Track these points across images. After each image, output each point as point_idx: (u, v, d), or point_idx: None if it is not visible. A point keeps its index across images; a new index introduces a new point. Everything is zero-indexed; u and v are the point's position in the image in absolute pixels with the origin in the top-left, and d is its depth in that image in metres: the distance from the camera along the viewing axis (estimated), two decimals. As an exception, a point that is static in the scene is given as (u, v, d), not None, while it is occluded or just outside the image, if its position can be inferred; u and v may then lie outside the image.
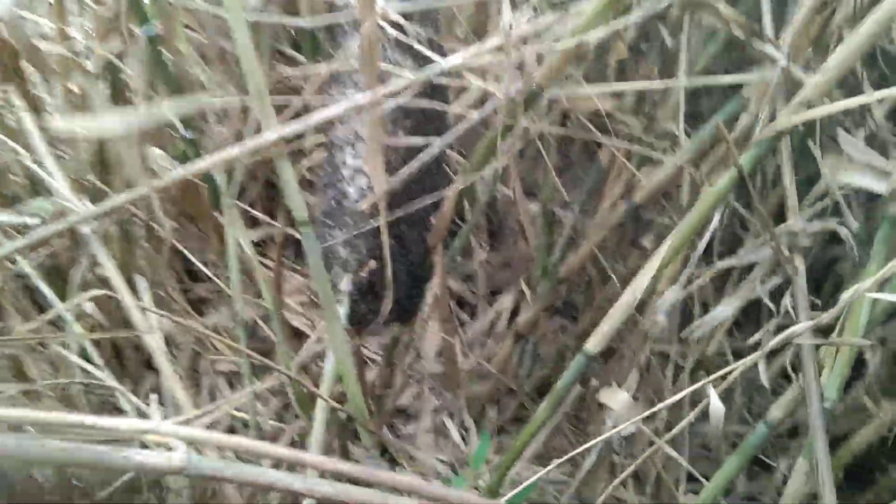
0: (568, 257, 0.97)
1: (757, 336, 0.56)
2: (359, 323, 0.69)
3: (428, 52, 0.65)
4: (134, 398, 0.67)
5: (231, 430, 1.00)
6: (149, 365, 1.13)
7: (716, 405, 0.45)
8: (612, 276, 0.95)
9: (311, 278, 0.56)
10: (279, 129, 0.47)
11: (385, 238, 0.57)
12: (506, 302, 1.16)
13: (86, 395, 0.83)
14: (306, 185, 1.31)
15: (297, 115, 0.62)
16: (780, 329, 0.58)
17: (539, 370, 1.07)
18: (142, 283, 0.66)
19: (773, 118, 0.67)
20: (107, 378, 0.64)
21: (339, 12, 0.64)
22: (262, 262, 0.87)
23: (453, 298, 1.24)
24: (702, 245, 0.55)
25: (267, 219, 1.20)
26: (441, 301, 1.01)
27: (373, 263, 0.64)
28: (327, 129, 0.64)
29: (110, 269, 0.53)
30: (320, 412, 0.57)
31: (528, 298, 1.14)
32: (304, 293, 1.24)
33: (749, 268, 0.73)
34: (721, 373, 0.46)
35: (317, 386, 0.92)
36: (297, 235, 1.21)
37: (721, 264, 0.58)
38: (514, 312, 1.17)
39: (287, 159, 0.49)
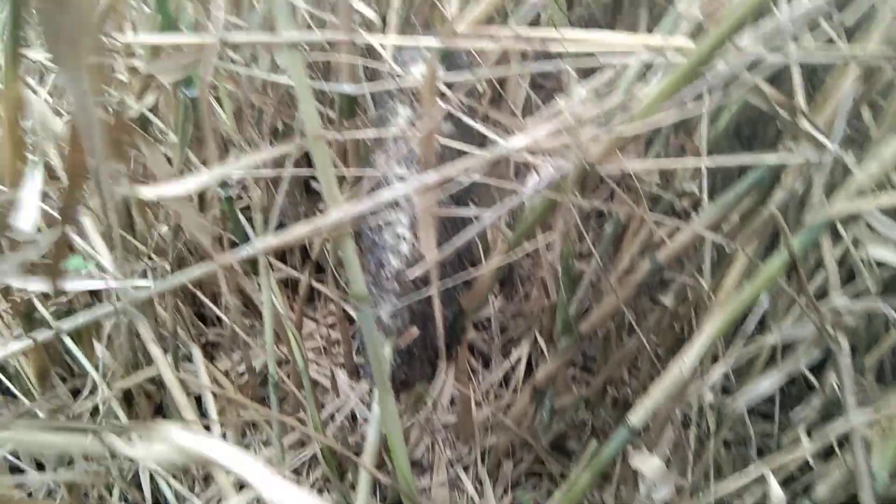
0: (588, 311, 0.98)
1: (801, 413, 0.57)
2: (396, 387, 0.69)
3: (473, 123, 0.66)
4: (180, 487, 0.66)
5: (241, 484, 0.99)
6: (159, 410, 1.12)
7: (777, 494, 0.46)
8: (637, 330, 0.95)
9: (366, 352, 0.56)
10: (346, 208, 0.47)
11: (438, 308, 0.57)
12: (520, 352, 1.16)
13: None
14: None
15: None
16: (824, 407, 0.59)
17: (556, 424, 1.07)
18: (195, 350, 0.66)
19: (804, 194, 0.69)
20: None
21: (386, 80, 0.65)
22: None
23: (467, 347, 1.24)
24: (749, 324, 0.56)
25: (281, 265, 1.20)
26: (461, 355, 1.02)
27: (415, 331, 0.64)
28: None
29: (156, 352, 0.52)
30: (363, 484, 0.56)
31: (543, 347, 1.15)
32: (316, 339, 1.24)
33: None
34: (780, 461, 0.46)
35: (348, 444, 0.91)
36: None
37: (765, 340, 0.59)
38: (528, 362, 1.18)
39: (351, 237, 0.49)
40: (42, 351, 0.60)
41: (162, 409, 1.13)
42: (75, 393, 1.05)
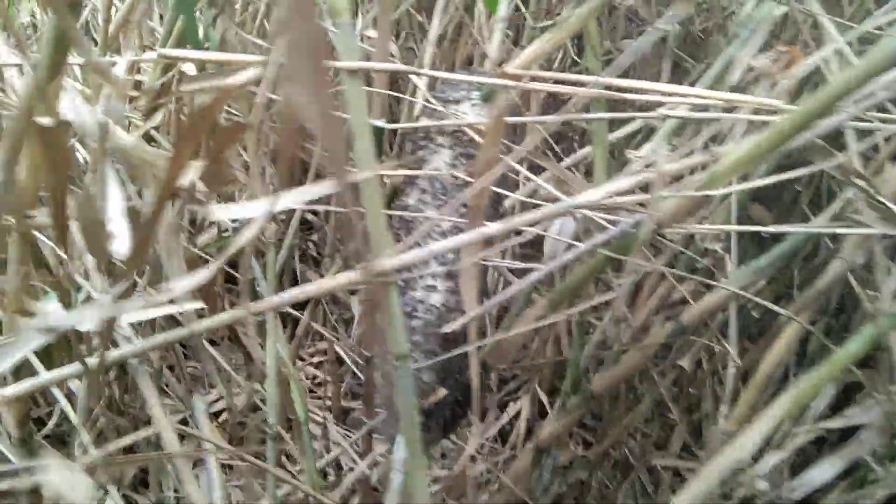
0: (598, 369, 0.93)
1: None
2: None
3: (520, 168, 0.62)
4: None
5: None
6: (130, 450, 1.03)
7: None
8: (662, 392, 0.91)
9: (393, 411, 0.50)
10: (394, 259, 0.42)
11: (475, 368, 0.52)
12: (519, 406, 1.11)
13: None
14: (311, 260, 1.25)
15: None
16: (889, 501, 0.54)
17: (557, 486, 1.01)
18: (199, 405, 0.59)
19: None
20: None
21: (425, 119, 0.60)
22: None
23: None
24: (816, 408, 0.51)
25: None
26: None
27: (442, 391, 0.59)
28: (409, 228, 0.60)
29: (158, 413, 0.46)
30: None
31: (545, 402, 1.10)
32: (301, 378, 1.17)
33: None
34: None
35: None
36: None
37: (827, 424, 0.54)
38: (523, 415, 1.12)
39: (396, 289, 0.43)
40: (28, 397, 0.53)
41: (133, 446, 1.05)
42: (38, 422, 0.97)
